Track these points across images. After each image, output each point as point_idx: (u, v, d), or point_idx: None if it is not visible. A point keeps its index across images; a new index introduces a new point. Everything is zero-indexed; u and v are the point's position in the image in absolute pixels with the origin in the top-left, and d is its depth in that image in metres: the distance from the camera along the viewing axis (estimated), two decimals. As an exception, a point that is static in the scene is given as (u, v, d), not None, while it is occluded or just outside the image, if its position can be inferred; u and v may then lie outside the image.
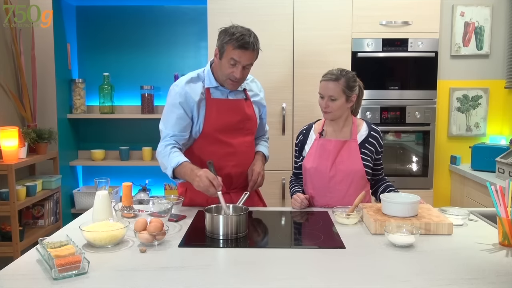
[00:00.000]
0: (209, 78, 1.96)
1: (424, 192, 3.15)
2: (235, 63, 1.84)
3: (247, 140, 2.03)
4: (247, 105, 2.02)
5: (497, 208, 1.50)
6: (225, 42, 1.83)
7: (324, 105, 1.95)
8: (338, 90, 1.92)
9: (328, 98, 1.93)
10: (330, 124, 2.04)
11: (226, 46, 1.83)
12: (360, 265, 1.33)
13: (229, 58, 1.84)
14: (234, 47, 1.81)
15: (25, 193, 2.79)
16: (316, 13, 3.09)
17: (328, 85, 1.93)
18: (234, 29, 1.84)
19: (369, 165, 2.00)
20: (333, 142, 1.99)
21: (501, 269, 1.30)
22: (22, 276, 1.25)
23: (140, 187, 3.36)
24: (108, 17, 3.58)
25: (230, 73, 1.87)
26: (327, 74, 1.96)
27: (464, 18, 3.30)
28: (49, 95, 3.25)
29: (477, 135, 3.39)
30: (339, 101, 1.93)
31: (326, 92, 1.94)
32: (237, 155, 1.98)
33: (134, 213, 1.68)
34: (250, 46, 1.82)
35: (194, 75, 1.98)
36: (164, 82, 3.57)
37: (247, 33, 1.83)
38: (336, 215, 1.75)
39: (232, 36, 1.81)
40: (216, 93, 1.97)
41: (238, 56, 1.82)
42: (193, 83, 1.95)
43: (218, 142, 1.95)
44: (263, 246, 1.55)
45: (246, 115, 2.00)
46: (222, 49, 1.86)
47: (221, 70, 1.90)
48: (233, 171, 1.99)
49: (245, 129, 2.02)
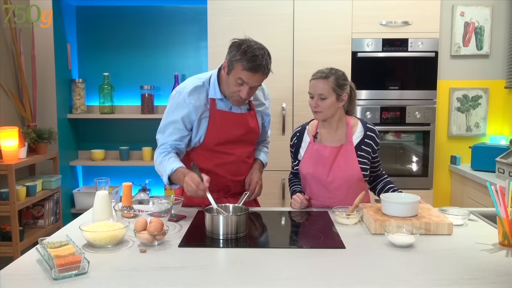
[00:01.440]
0: (215, 88, 1.86)
1: (424, 192, 3.15)
2: (243, 83, 1.74)
3: (247, 150, 1.99)
4: (251, 116, 1.95)
5: (497, 208, 1.50)
6: (235, 59, 1.72)
7: (314, 104, 1.90)
8: (328, 88, 1.87)
9: (318, 97, 1.88)
10: (323, 126, 2.00)
11: (235, 64, 1.72)
12: (360, 265, 1.33)
13: (237, 77, 1.73)
14: (244, 68, 1.70)
15: (25, 193, 2.79)
16: (316, 13, 3.09)
17: (318, 84, 1.88)
18: (247, 47, 1.70)
19: (366, 167, 1.97)
20: (329, 149, 1.94)
21: (501, 269, 1.30)
22: (22, 276, 1.25)
23: (140, 187, 3.34)
24: (108, 17, 3.58)
25: (236, 92, 1.78)
26: (317, 73, 1.92)
27: (464, 18, 3.30)
28: (49, 95, 3.25)
29: (477, 135, 3.39)
30: (329, 100, 1.88)
31: (315, 91, 1.89)
32: (236, 165, 1.94)
33: (134, 213, 1.68)
34: (261, 69, 1.71)
35: (199, 82, 1.87)
36: (164, 82, 3.57)
37: (260, 54, 1.70)
38: (336, 215, 1.75)
39: (244, 55, 1.69)
40: (220, 104, 1.88)
41: (246, 78, 1.72)
42: (197, 93, 1.86)
43: (218, 152, 1.91)
44: (263, 246, 1.55)
45: (249, 128, 1.94)
46: (231, 65, 1.75)
47: (227, 86, 1.80)
48: (231, 179, 1.95)
49: (247, 141, 1.97)
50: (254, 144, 2.04)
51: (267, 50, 1.77)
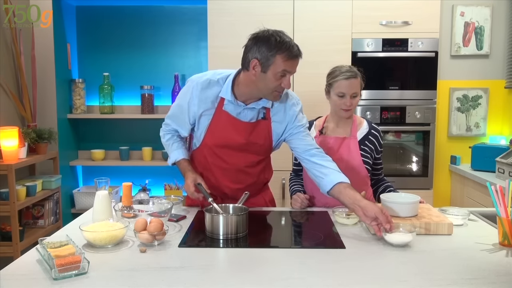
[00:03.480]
0: (227, 90, 1.78)
1: (424, 192, 3.15)
2: (285, 74, 1.68)
3: (249, 160, 1.88)
4: (260, 127, 1.84)
5: (497, 208, 1.50)
6: (271, 54, 1.63)
7: (348, 103, 1.96)
8: (359, 86, 1.98)
9: (351, 96, 1.96)
10: (332, 120, 2.06)
11: (273, 58, 1.64)
12: (360, 265, 1.33)
13: (278, 70, 1.65)
14: (287, 58, 1.64)
15: (25, 193, 2.79)
16: (316, 13, 3.09)
17: (353, 83, 1.95)
18: (278, 37, 1.64)
19: (368, 161, 2.00)
20: (333, 139, 2.02)
21: (501, 269, 1.30)
22: (22, 276, 1.25)
23: (140, 187, 3.36)
24: (108, 17, 3.58)
25: (278, 85, 1.69)
26: (345, 72, 1.94)
27: (464, 18, 3.30)
28: (49, 95, 3.25)
29: (477, 135, 3.39)
30: (358, 97, 1.99)
31: (350, 90, 1.95)
32: (235, 173, 1.88)
33: (134, 213, 1.68)
34: (300, 54, 1.69)
35: (214, 78, 1.81)
36: (164, 82, 3.57)
37: (289, 40, 1.66)
38: (336, 215, 1.75)
39: (281, 46, 1.63)
40: (229, 106, 1.80)
41: (290, 67, 1.66)
42: (208, 87, 1.80)
43: (217, 156, 1.87)
44: (263, 246, 1.55)
45: (251, 141, 1.84)
46: (267, 61, 1.64)
47: (265, 84, 1.69)
48: (228, 186, 1.90)
49: (250, 151, 1.87)
50: (260, 154, 1.91)
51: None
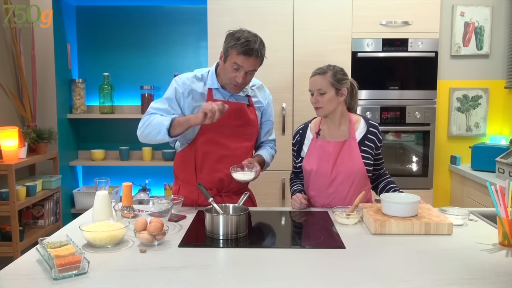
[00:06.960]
0: (212, 79, 1.97)
1: (424, 192, 3.15)
2: (238, 68, 1.85)
3: (244, 146, 2.02)
4: (250, 111, 2.02)
5: (497, 208, 1.50)
6: (229, 46, 1.84)
7: (314, 100, 1.95)
8: (326, 83, 1.91)
9: (317, 93, 1.93)
10: (326, 122, 2.02)
11: (230, 50, 1.84)
12: (360, 265, 1.33)
13: (232, 62, 1.84)
14: (238, 53, 1.82)
15: (25, 193, 2.79)
16: (316, 13, 3.09)
17: (316, 79, 1.94)
18: (240, 34, 1.84)
19: (370, 162, 1.99)
20: (333, 144, 1.97)
21: (501, 269, 1.30)
22: (22, 276, 1.25)
23: (140, 187, 3.36)
24: (108, 17, 3.58)
25: (232, 77, 1.88)
26: (315, 70, 1.97)
27: (464, 18, 3.30)
28: (49, 95, 3.25)
29: (477, 135, 3.39)
30: (328, 95, 1.92)
31: (314, 87, 1.94)
32: (232, 159, 1.94)
33: (134, 213, 1.68)
34: (254, 53, 1.82)
35: (198, 74, 2.00)
36: (164, 82, 3.56)
37: (252, 39, 1.83)
38: (336, 215, 1.75)
39: (237, 41, 1.82)
40: (217, 95, 1.98)
41: (241, 62, 1.83)
42: (195, 82, 1.98)
43: (214, 143, 1.95)
44: (263, 246, 1.55)
45: (247, 120, 2.00)
46: (226, 53, 1.87)
47: (224, 73, 1.91)
48: (226, 174, 1.94)
49: (245, 134, 2.01)
50: (252, 140, 2.06)
51: (261, 38, 1.89)
